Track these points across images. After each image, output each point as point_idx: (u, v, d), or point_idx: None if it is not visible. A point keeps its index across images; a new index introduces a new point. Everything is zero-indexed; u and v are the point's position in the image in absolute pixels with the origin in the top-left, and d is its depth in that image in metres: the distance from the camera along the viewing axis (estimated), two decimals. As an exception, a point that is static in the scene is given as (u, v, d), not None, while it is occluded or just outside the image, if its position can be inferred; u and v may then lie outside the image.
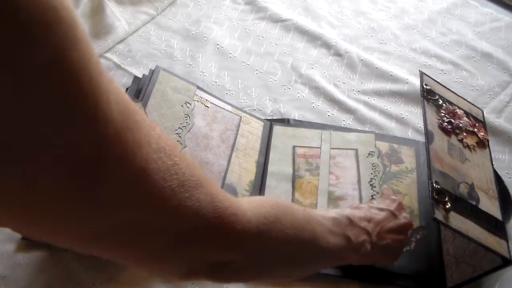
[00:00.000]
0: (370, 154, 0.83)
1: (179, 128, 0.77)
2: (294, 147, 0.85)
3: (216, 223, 0.37)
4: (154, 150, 0.33)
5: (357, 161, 0.82)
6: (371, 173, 0.80)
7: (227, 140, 0.81)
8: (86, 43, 0.27)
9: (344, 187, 0.79)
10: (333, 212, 0.57)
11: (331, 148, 0.84)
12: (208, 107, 0.83)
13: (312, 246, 0.51)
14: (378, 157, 0.83)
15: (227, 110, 0.86)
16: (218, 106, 0.85)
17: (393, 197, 0.71)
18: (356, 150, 0.84)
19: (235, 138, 0.82)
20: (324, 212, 0.57)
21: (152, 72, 0.81)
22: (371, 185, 0.79)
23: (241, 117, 0.86)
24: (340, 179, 0.80)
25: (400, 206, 0.69)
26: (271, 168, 0.82)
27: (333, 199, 0.78)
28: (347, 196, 0.78)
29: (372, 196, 0.77)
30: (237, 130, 0.84)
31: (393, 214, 0.66)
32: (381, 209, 0.65)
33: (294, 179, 0.81)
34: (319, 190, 0.79)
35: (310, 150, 0.84)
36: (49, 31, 0.24)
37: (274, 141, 0.86)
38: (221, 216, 0.37)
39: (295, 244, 0.48)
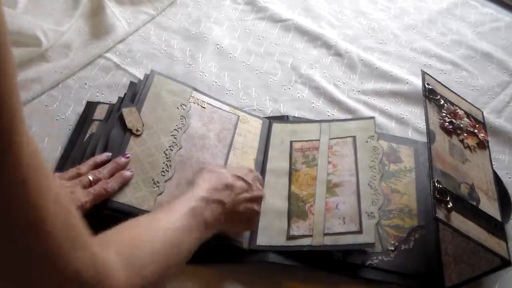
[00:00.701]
0: (370, 138, 0.83)
1: (174, 130, 0.77)
2: (291, 142, 0.85)
3: (95, 286, 0.36)
4: (52, 201, 0.32)
5: (355, 148, 0.82)
6: (371, 156, 0.80)
7: (224, 139, 0.81)
8: (12, 73, 0.28)
9: (341, 174, 0.79)
10: (191, 200, 0.58)
11: (330, 139, 0.84)
12: (204, 107, 0.83)
13: (182, 259, 0.52)
14: (378, 140, 0.82)
15: (224, 110, 0.86)
16: (215, 107, 0.85)
17: (251, 167, 0.73)
18: (354, 137, 0.84)
19: (233, 137, 0.83)
20: (183, 204, 0.57)
21: (147, 76, 0.82)
22: (371, 167, 0.79)
23: (238, 116, 0.86)
24: (338, 167, 0.80)
25: (256, 178, 0.71)
26: (270, 165, 0.82)
27: (330, 187, 0.78)
28: (344, 183, 0.78)
29: (372, 177, 0.77)
30: (235, 129, 0.84)
31: (249, 185, 0.67)
32: (238, 177, 0.66)
33: (291, 172, 0.81)
34: (318, 180, 0.79)
35: (307, 143, 0.84)
36: None
37: (273, 138, 0.86)
38: (99, 281, 0.37)
39: (167, 272, 0.49)
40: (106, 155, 0.71)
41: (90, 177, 0.66)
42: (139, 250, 0.46)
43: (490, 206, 0.70)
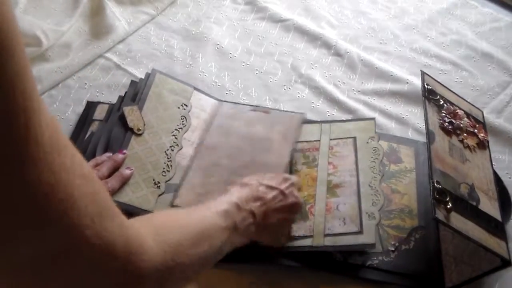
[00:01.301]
0: (371, 138, 0.83)
1: (175, 130, 0.77)
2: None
3: (127, 256, 0.37)
4: (78, 176, 0.33)
5: (355, 149, 0.82)
6: (372, 157, 0.80)
7: (290, 138, 0.82)
8: (22, 55, 0.27)
9: (341, 175, 0.79)
10: (224, 203, 0.59)
11: (330, 139, 0.84)
12: (268, 113, 0.85)
13: (211, 254, 0.52)
14: (378, 141, 0.83)
15: (287, 111, 0.87)
16: (280, 110, 0.87)
17: (286, 175, 0.70)
18: (355, 138, 0.84)
19: (297, 134, 0.83)
20: (217, 205, 0.58)
21: (148, 75, 0.82)
22: (371, 168, 0.79)
23: (302, 113, 0.87)
24: (338, 168, 0.80)
25: (292, 185, 0.68)
26: None
27: (331, 188, 0.78)
28: (345, 183, 0.78)
29: (372, 178, 0.77)
30: (298, 126, 0.84)
31: (282, 193, 0.66)
32: (270, 187, 0.65)
33: (291, 173, 0.81)
34: (318, 181, 0.79)
35: (308, 144, 0.84)
36: None
37: None
38: (130, 250, 0.37)
39: (196, 261, 0.49)
40: (107, 155, 0.71)
41: None
42: (170, 230, 0.46)
43: (490, 206, 0.70)
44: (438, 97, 0.80)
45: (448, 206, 0.64)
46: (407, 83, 1.01)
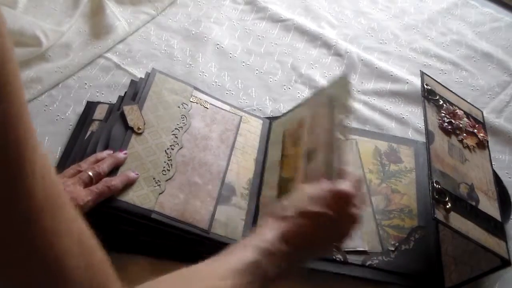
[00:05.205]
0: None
1: (175, 129, 0.77)
2: (284, 131, 0.82)
3: None
4: (75, 242, 0.29)
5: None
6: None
7: (227, 140, 0.81)
8: (19, 96, 0.25)
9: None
10: (251, 251, 0.45)
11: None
12: (207, 108, 0.83)
13: None
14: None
15: (226, 110, 0.86)
16: (217, 107, 0.85)
17: (336, 187, 0.51)
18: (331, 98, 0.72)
19: (235, 137, 0.83)
20: (240, 257, 0.45)
21: (148, 75, 0.82)
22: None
23: (241, 117, 0.86)
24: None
25: (347, 199, 0.50)
26: (268, 164, 0.81)
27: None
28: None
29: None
30: (237, 130, 0.84)
31: (331, 219, 0.49)
32: (313, 215, 0.49)
33: (282, 160, 0.78)
34: (302, 154, 0.71)
35: (297, 124, 0.78)
36: None
37: (272, 137, 0.85)
38: None
39: None
40: (107, 152, 0.71)
41: (90, 173, 0.66)
42: None
43: (490, 206, 0.70)
44: (437, 97, 0.80)
45: (448, 206, 0.64)
46: (407, 83, 1.01)
